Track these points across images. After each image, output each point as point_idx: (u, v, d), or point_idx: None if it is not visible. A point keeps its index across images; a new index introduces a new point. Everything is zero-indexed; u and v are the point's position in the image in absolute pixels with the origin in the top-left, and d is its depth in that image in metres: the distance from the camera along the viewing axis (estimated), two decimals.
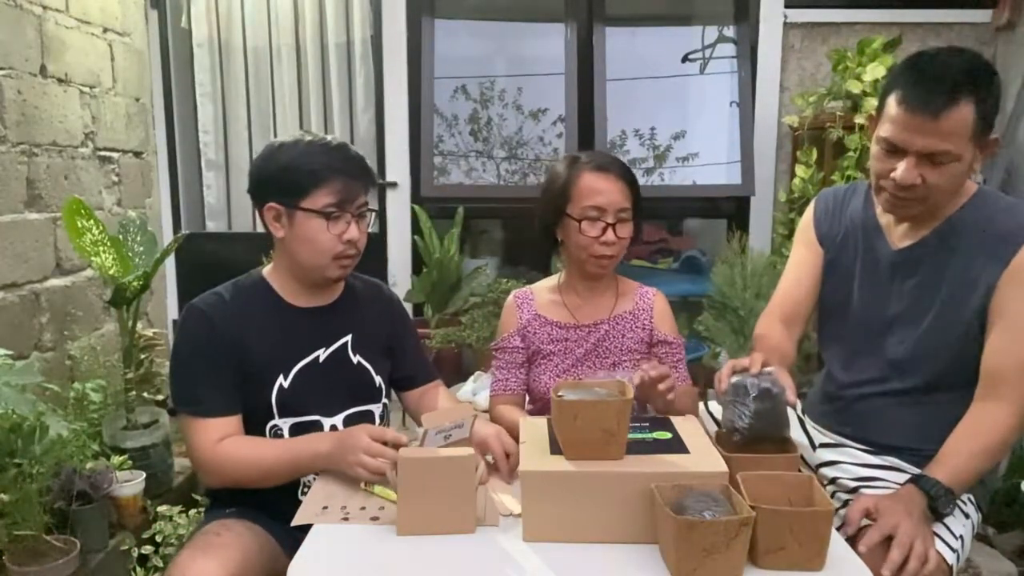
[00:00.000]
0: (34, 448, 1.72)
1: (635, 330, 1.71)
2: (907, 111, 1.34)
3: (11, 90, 2.28)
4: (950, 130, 1.32)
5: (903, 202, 1.41)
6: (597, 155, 1.71)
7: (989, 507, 1.64)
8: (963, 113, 1.31)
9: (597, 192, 1.63)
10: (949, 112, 1.31)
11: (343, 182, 1.49)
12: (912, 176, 1.36)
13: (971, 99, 1.32)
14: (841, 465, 1.58)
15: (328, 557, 1.16)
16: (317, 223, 1.48)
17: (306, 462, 1.43)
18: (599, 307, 1.73)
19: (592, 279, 1.73)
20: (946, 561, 1.35)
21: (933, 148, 1.33)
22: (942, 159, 1.34)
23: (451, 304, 3.15)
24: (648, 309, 1.73)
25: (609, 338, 1.71)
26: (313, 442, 1.44)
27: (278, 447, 1.46)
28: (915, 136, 1.34)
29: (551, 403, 1.23)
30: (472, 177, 3.65)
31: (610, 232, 1.62)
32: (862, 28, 3.15)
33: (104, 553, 1.94)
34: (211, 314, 1.50)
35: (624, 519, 1.16)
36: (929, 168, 1.35)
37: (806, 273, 1.66)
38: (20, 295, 2.32)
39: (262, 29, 3.40)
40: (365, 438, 1.35)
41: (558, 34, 3.33)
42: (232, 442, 1.45)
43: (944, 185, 1.37)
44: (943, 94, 1.31)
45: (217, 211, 3.55)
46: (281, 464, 1.44)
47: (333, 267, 1.52)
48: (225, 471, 1.45)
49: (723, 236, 3.24)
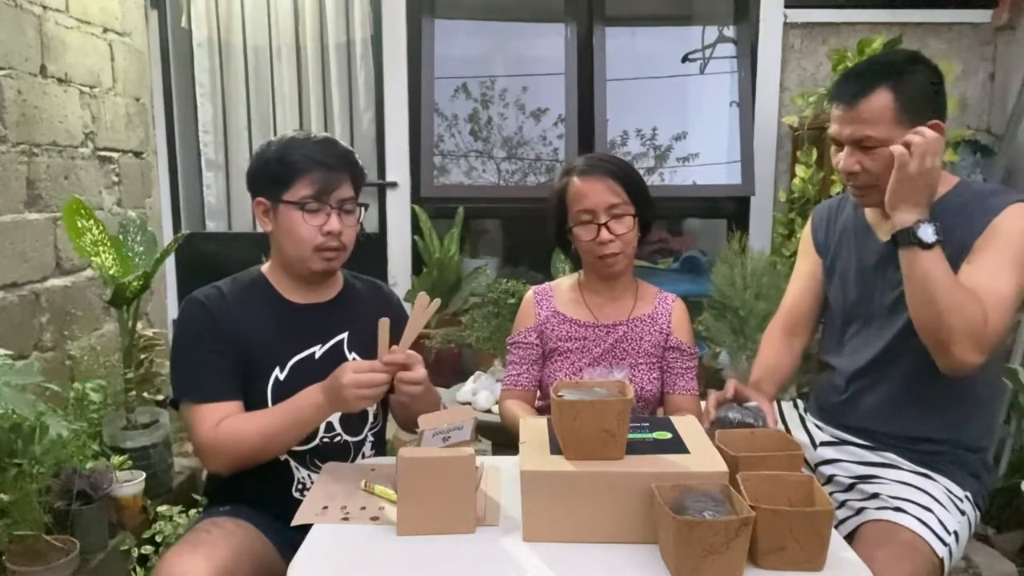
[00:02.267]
0: (34, 448, 1.72)
1: (652, 333, 1.72)
2: (834, 106, 1.49)
3: (11, 90, 2.28)
4: (868, 116, 1.42)
5: (858, 191, 1.51)
6: (587, 159, 1.74)
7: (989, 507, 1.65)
8: (880, 99, 1.42)
9: (584, 196, 1.65)
10: (865, 99, 1.42)
11: (321, 174, 1.50)
12: (849, 164, 1.47)
13: (887, 85, 1.42)
14: (840, 463, 1.61)
15: (328, 557, 1.16)
16: (297, 215, 1.50)
17: (310, 415, 1.43)
18: (619, 308, 1.74)
19: (609, 279, 1.74)
20: (937, 555, 1.37)
21: (858, 135, 1.44)
22: (869, 144, 1.44)
23: (451, 304, 3.15)
24: (667, 314, 1.74)
25: (627, 340, 1.72)
26: (308, 397, 1.43)
27: (275, 412, 1.46)
28: (843, 127, 1.47)
29: (551, 403, 1.23)
30: (472, 177, 3.65)
31: (604, 231, 1.63)
32: (862, 28, 3.15)
33: (104, 553, 1.94)
34: (210, 305, 1.53)
35: (624, 519, 1.16)
36: (863, 155, 1.45)
37: (808, 283, 1.74)
38: (20, 295, 2.32)
39: (262, 29, 3.40)
40: (349, 375, 1.36)
41: (558, 34, 3.33)
42: (230, 420, 1.46)
43: (880, 169, 1.44)
44: (857, 84, 1.44)
45: (217, 211, 3.55)
46: (286, 424, 1.44)
47: (316, 259, 1.53)
48: (229, 450, 1.45)
49: (723, 236, 3.24)
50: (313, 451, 1.54)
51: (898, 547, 1.34)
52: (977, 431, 1.55)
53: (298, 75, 3.43)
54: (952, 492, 1.49)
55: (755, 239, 3.21)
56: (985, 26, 3.17)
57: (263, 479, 1.51)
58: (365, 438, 1.61)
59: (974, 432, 1.54)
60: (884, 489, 1.50)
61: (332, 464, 1.51)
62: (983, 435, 1.58)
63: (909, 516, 1.41)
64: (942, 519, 1.41)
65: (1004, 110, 3.08)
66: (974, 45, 3.20)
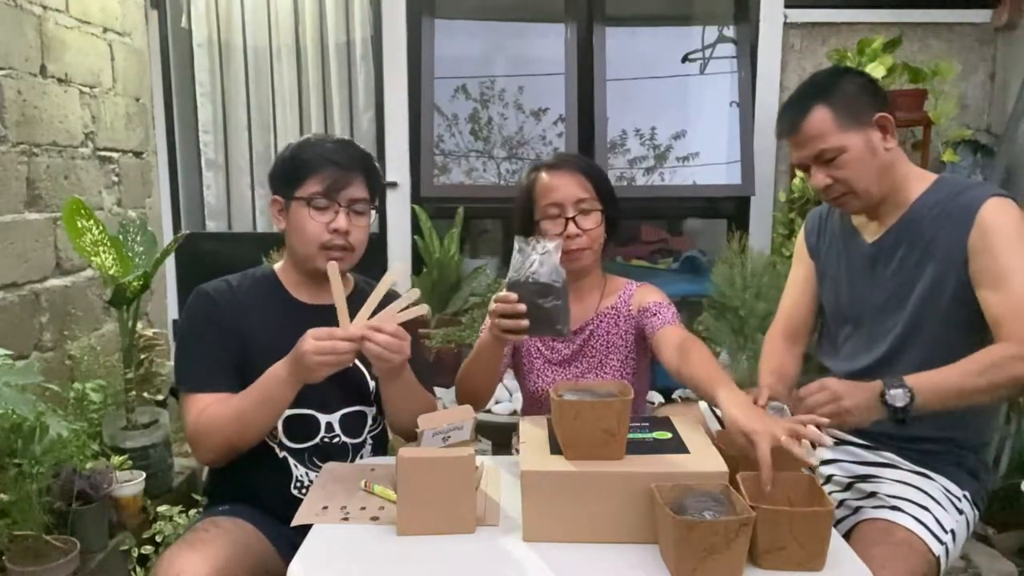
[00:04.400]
0: (34, 448, 1.72)
1: (617, 324, 1.70)
2: (784, 138, 1.58)
3: (11, 90, 2.28)
4: (815, 133, 1.49)
5: (836, 201, 1.56)
6: (556, 155, 1.74)
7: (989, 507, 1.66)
8: (817, 116, 1.49)
9: (552, 189, 1.64)
10: (805, 121, 1.50)
11: (333, 171, 1.51)
12: (820, 180, 1.52)
13: (818, 102, 1.49)
14: (839, 463, 1.62)
15: (328, 557, 1.16)
16: (306, 211, 1.52)
17: (277, 391, 1.42)
18: (585, 308, 1.71)
19: (575, 278, 1.69)
20: (932, 552, 1.37)
21: (813, 152, 1.50)
22: (829, 156, 1.49)
23: (451, 304, 3.15)
24: (627, 301, 1.71)
25: (594, 337, 1.70)
26: (272, 372, 1.43)
27: (246, 392, 1.46)
28: (798, 152, 1.54)
29: (551, 403, 1.23)
30: (472, 177, 3.65)
31: (571, 225, 1.63)
32: (862, 28, 3.15)
33: (104, 553, 1.93)
34: (216, 297, 1.55)
35: (624, 519, 1.16)
36: (829, 168, 1.50)
37: (804, 288, 1.77)
38: (20, 295, 2.32)
39: (262, 29, 3.40)
40: (309, 342, 1.36)
41: (558, 34, 3.33)
42: (211, 407, 1.46)
43: (851, 174, 1.49)
44: (793, 111, 1.52)
45: (217, 211, 3.55)
46: (255, 403, 1.44)
47: (321, 257, 1.53)
48: (211, 436, 1.46)
49: (723, 236, 3.24)
50: (312, 450, 1.54)
51: (894, 545, 1.35)
52: (975, 430, 1.56)
53: (298, 75, 3.43)
54: (950, 491, 1.49)
55: (755, 239, 3.21)
56: (985, 26, 3.17)
57: (262, 477, 1.51)
58: (364, 441, 1.61)
59: (972, 431, 1.55)
60: (882, 488, 1.51)
61: (332, 464, 1.51)
62: (981, 434, 1.58)
63: (905, 515, 1.42)
64: (939, 518, 1.42)
65: (1004, 110, 3.08)
66: (974, 45, 3.20)
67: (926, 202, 1.51)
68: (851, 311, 1.63)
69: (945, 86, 2.90)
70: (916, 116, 2.83)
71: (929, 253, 1.49)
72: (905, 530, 1.39)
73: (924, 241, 1.50)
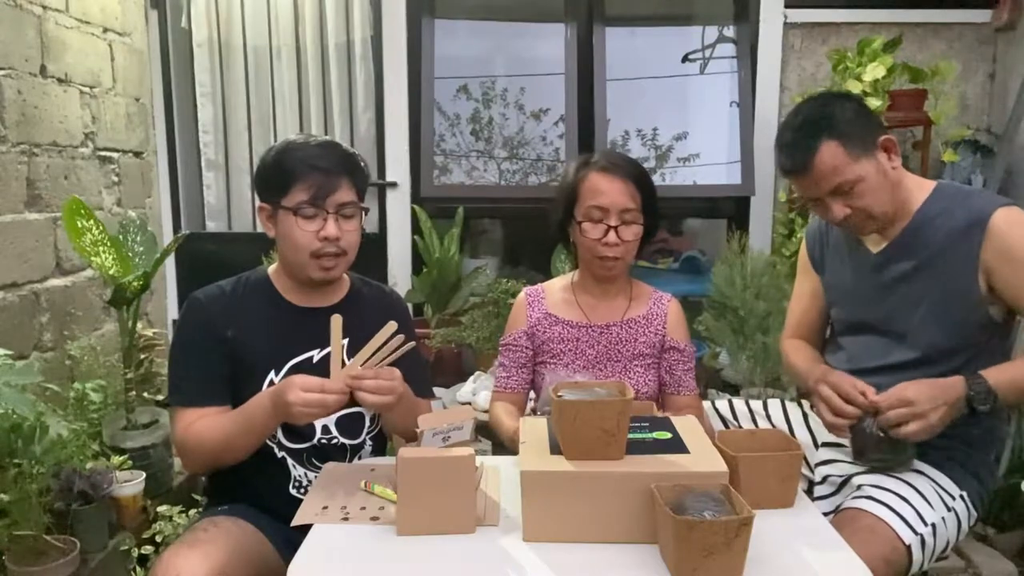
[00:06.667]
0: (34, 448, 1.72)
1: (648, 334, 1.70)
2: (790, 178, 1.54)
3: (11, 90, 2.28)
4: (827, 171, 1.46)
5: (856, 228, 1.55)
6: (609, 155, 1.69)
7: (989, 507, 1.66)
8: (827, 152, 1.45)
9: (600, 193, 1.62)
10: (813, 159, 1.46)
11: (317, 178, 1.48)
12: (839, 213, 1.50)
13: (824, 136, 1.46)
14: (838, 463, 1.61)
15: (328, 557, 1.16)
16: (293, 221, 1.50)
17: (259, 422, 1.44)
18: (612, 309, 1.72)
19: (604, 281, 1.71)
20: (901, 539, 1.37)
21: (831, 186, 1.47)
22: (845, 188, 1.47)
23: (451, 304, 3.14)
24: (663, 315, 1.72)
25: (621, 341, 1.70)
26: (258, 404, 1.44)
27: (233, 417, 1.47)
28: (810, 190, 1.51)
29: (551, 403, 1.23)
30: (473, 177, 3.65)
31: (612, 234, 1.61)
32: (862, 28, 3.15)
33: (104, 553, 1.94)
34: (208, 305, 1.54)
35: (624, 519, 1.16)
36: (846, 198, 1.49)
37: (811, 300, 1.79)
38: (20, 295, 2.32)
39: (262, 29, 3.39)
40: (296, 393, 1.34)
41: (558, 34, 3.33)
42: (198, 423, 1.48)
43: (870, 202, 1.48)
44: (801, 150, 1.47)
45: (217, 211, 3.55)
46: (239, 431, 1.45)
47: (313, 266, 1.52)
48: (195, 451, 1.48)
49: (723, 236, 3.24)
50: (310, 450, 1.54)
51: (854, 531, 1.35)
52: (987, 428, 1.56)
53: (298, 75, 3.42)
54: (944, 488, 1.49)
55: (755, 239, 3.21)
56: (985, 26, 3.17)
57: (261, 477, 1.51)
58: (363, 441, 1.60)
59: (984, 429, 1.56)
60: (866, 480, 1.51)
61: (332, 464, 1.51)
62: (992, 432, 1.59)
63: (877, 503, 1.42)
64: (919, 509, 1.42)
65: (1004, 110, 3.08)
66: (974, 45, 3.20)
67: (929, 211, 1.53)
68: (858, 320, 1.64)
69: (945, 86, 2.90)
70: (916, 116, 2.83)
71: (936, 263, 1.50)
72: (872, 516, 1.40)
73: (930, 251, 1.51)
